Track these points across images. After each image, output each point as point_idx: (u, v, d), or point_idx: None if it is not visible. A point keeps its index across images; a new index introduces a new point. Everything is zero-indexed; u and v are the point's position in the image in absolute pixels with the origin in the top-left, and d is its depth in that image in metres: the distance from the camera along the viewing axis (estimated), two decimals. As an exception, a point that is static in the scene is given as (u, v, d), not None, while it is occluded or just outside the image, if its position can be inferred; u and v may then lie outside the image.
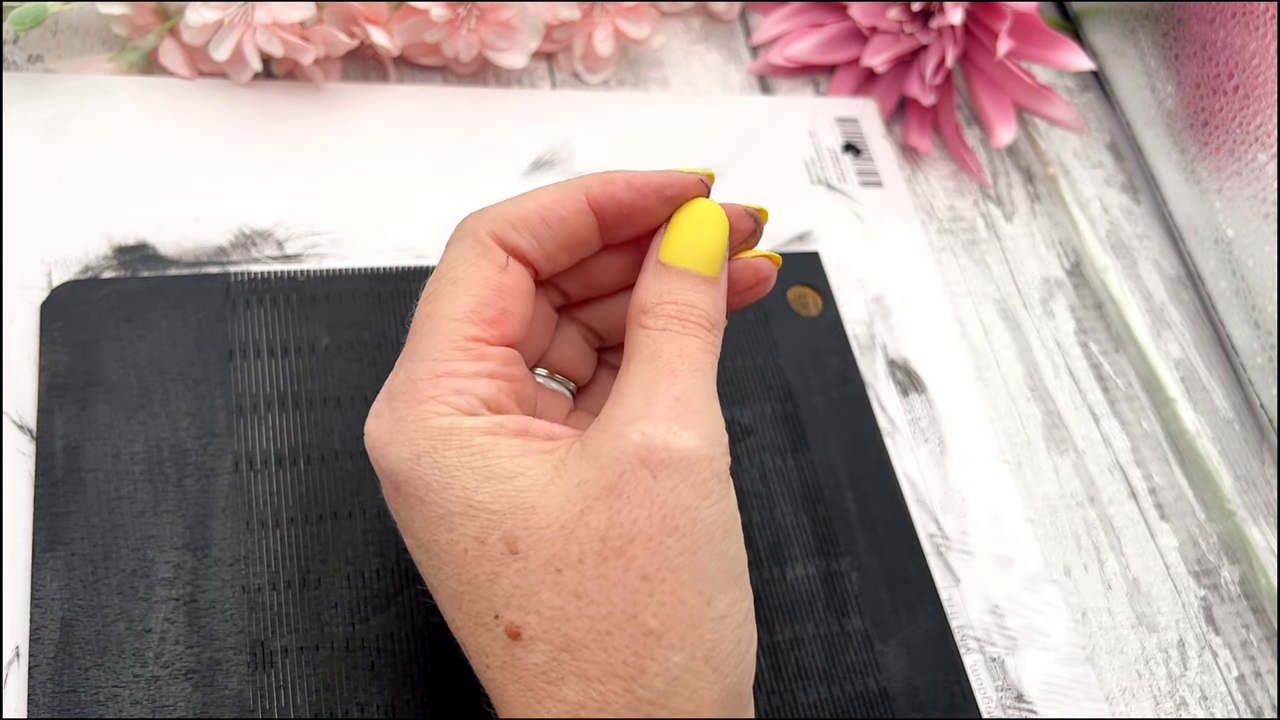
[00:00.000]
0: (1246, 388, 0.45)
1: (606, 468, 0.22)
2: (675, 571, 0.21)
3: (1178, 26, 0.46)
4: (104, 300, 0.32)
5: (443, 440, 0.22)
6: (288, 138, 0.37)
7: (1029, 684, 0.35)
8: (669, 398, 0.22)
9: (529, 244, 0.25)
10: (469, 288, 0.24)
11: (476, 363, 0.23)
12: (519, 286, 0.24)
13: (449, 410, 0.22)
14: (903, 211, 0.44)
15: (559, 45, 0.43)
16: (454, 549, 0.22)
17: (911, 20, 0.45)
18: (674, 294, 0.24)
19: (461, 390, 0.23)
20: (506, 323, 0.24)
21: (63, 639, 0.27)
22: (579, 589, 0.21)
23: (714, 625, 0.21)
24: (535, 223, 0.25)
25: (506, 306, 0.24)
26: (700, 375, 0.23)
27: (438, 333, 0.23)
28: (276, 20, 0.35)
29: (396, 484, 0.23)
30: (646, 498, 0.21)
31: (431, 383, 0.23)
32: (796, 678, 0.32)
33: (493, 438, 0.22)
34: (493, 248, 0.24)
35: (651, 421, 0.22)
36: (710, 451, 0.22)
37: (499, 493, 0.22)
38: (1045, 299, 0.46)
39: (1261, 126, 0.42)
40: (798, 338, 0.39)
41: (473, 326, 0.23)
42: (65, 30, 0.38)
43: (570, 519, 0.21)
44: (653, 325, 0.24)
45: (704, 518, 0.22)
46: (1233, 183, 0.44)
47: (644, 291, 0.24)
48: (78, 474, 0.29)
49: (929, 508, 0.37)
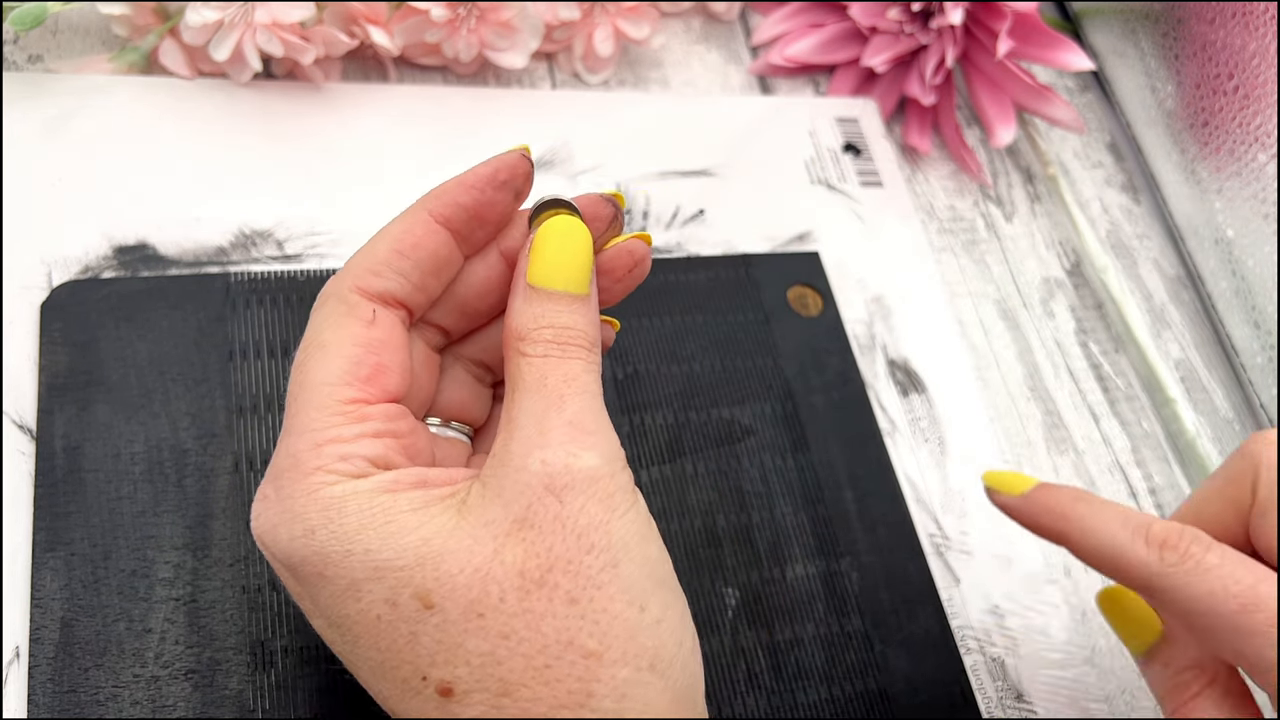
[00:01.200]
0: (1246, 388, 0.45)
1: (512, 502, 0.21)
2: (601, 588, 0.21)
3: (1178, 26, 0.46)
4: (104, 300, 0.32)
5: (337, 509, 0.21)
6: (288, 138, 0.37)
7: (1029, 684, 0.35)
8: (562, 423, 0.22)
9: (395, 283, 0.24)
10: (338, 350, 0.23)
11: (358, 424, 0.22)
12: (391, 338, 0.24)
13: (338, 478, 0.22)
14: (903, 211, 0.44)
15: (559, 45, 0.43)
16: (366, 618, 0.21)
17: (911, 20, 0.45)
18: (548, 318, 0.23)
19: (347, 455, 0.22)
20: (384, 378, 0.23)
21: (63, 639, 0.27)
22: (506, 629, 0.20)
23: (652, 632, 0.21)
24: (392, 259, 0.24)
25: (380, 361, 0.23)
26: (588, 396, 0.23)
27: (313, 402, 0.22)
28: (276, 20, 0.35)
29: (292, 566, 0.22)
30: (557, 522, 0.21)
31: (314, 454, 0.22)
32: (796, 678, 0.32)
33: (390, 494, 0.22)
34: (357, 303, 0.24)
35: (549, 449, 0.21)
36: (611, 468, 0.22)
37: (404, 547, 0.21)
38: (1045, 299, 0.46)
39: (1261, 126, 0.42)
40: (798, 338, 0.39)
41: (348, 389, 0.23)
42: (65, 30, 0.38)
43: (483, 560, 0.21)
44: (533, 353, 0.23)
45: (617, 530, 0.21)
46: (1233, 183, 0.44)
47: (517, 317, 0.24)
48: (78, 474, 0.29)
49: (929, 508, 0.37)
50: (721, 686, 0.31)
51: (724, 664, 0.32)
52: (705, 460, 0.35)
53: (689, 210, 0.41)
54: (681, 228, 0.40)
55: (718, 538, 0.34)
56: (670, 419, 0.36)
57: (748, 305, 0.39)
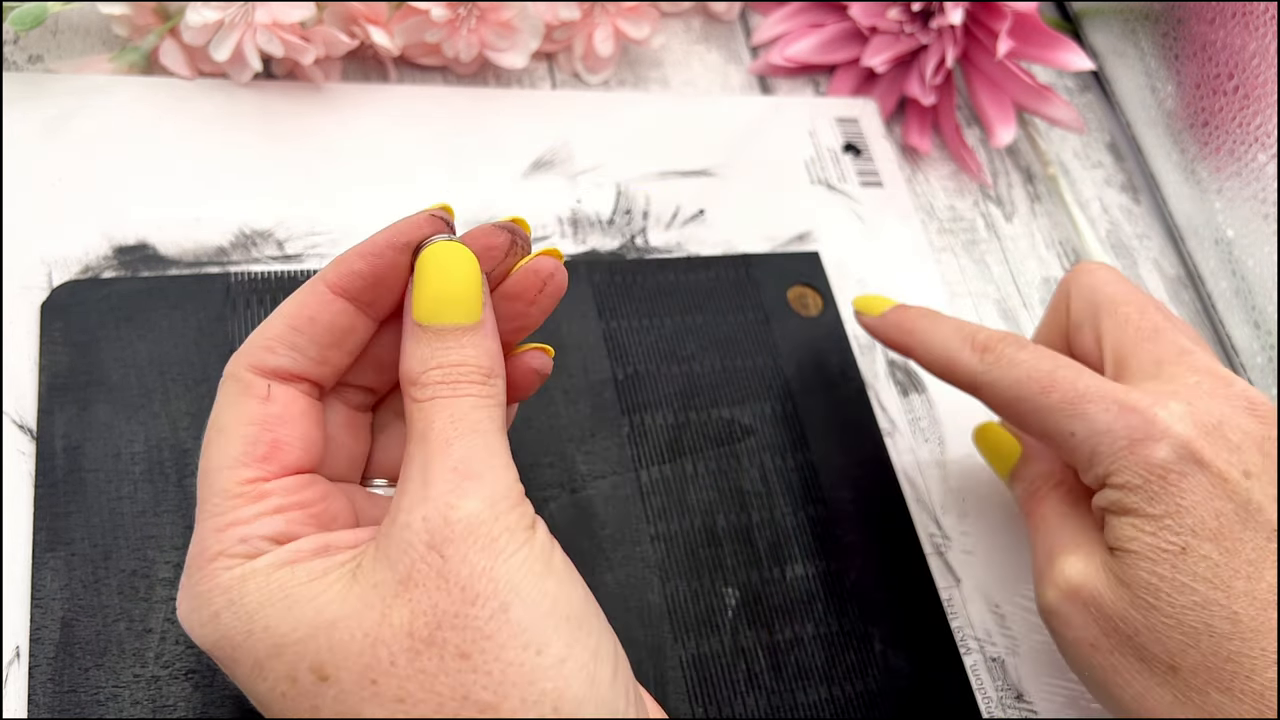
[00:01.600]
0: (1246, 388, 0.45)
1: (397, 562, 0.21)
2: (491, 637, 0.20)
3: (1178, 26, 0.46)
4: (104, 300, 0.32)
5: (238, 591, 0.21)
6: (288, 138, 0.37)
7: (1029, 684, 0.35)
8: (445, 470, 0.21)
9: (289, 359, 0.24)
10: (234, 431, 0.23)
11: (256, 504, 0.22)
12: (289, 411, 0.23)
13: (237, 561, 0.22)
14: (903, 211, 0.44)
15: (559, 45, 0.43)
16: (273, 696, 0.21)
17: (911, 20, 0.45)
18: (436, 357, 0.23)
19: (246, 537, 0.22)
20: (281, 454, 0.23)
21: (63, 639, 0.27)
22: (400, 693, 0.20)
23: (554, 673, 0.20)
24: (286, 335, 0.23)
25: (276, 437, 0.23)
26: (477, 435, 0.22)
27: (213, 488, 0.22)
28: (277, 20, 0.35)
29: (209, 649, 0.22)
30: (440, 578, 0.20)
31: (215, 539, 0.22)
32: (796, 678, 0.32)
33: (290, 568, 0.21)
34: (251, 381, 0.23)
35: (429, 503, 0.21)
36: (494, 510, 0.21)
37: (299, 620, 0.21)
38: (1045, 299, 0.46)
39: (1261, 127, 0.42)
40: (798, 338, 0.39)
41: (245, 469, 0.22)
42: (65, 30, 0.38)
43: (372, 625, 0.20)
44: (422, 397, 0.23)
45: (503, 573, 0.21)
46: (1233, 183, 0.44)
47: (407, 360, 0.23)
48: (78, 474, 0.29)
49: (929, 508, 0.37)
50: (721, 686, 0.31)
51: (724, 664, 0.32)
52: (705, 460, 0.35)
53: (689, 210, 0.41)
54: (681, 228, 0.40)
55: (718, 538, 0.34)
56: (670, 419, 0.36)
57: (748, 305, 0.39)
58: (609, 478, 0.34)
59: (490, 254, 0.24)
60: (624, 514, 0.33)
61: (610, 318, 0.37)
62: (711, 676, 0.31)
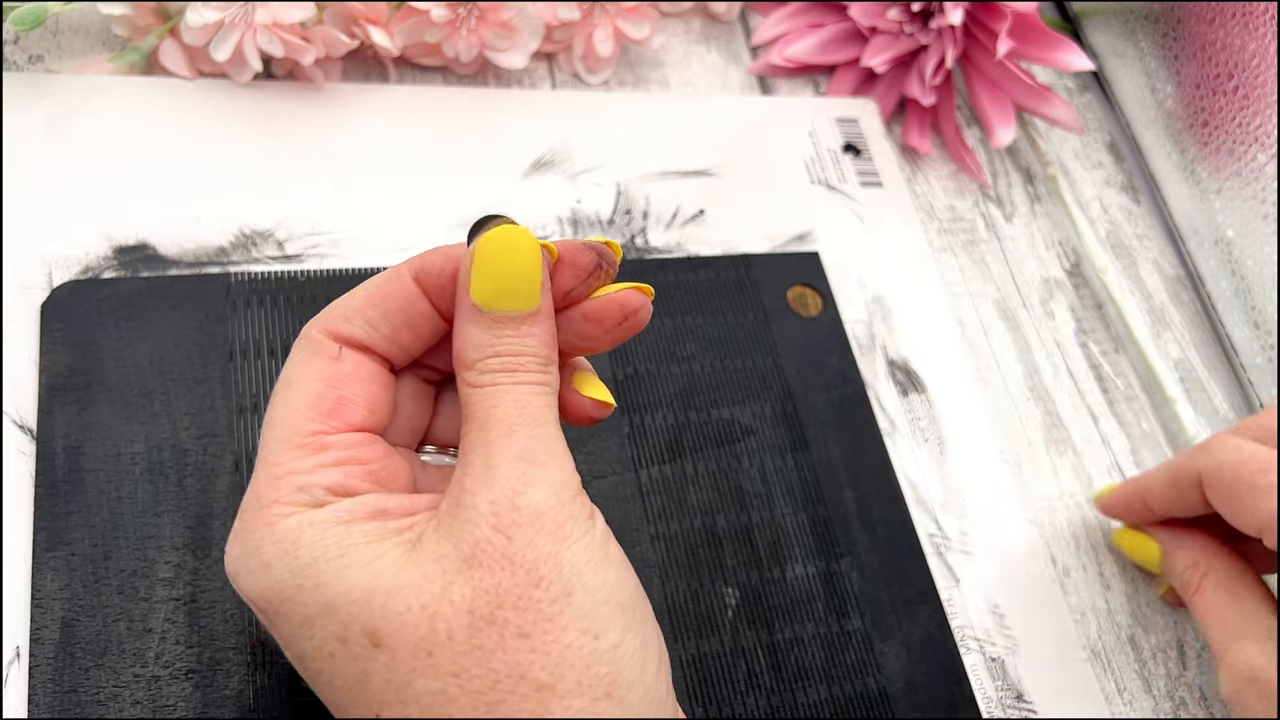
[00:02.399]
0: (1246, 388, 0.45)
1: (462, 541, 0.21)
2: (552, 619, 0.21)
3: (1178, 27, 0.46)
4: (104, 300, 0.32)
5: (293, 542, 0.21)
6: (288, 138, 0.37)
7: (1029, 684, 0.35)
8: (510, 456, 0.22)
9: (362, 330, 0.24)
10: (302, 386, 0.23)
11: (317, 455, 0.22)
12: (357, 372, 0.24)
13: (294, 509, 0.22)
14: (903, 211, 0.44)
15: (559, 46, 0.43)
16: (320, 654, 0.21)
17: (911, 20, 0.45)
18: (495, 345, 0.23)
19: (304, 486, 0.22)
20: (347, 410, 0.23)
21: (63, 639, 0.27)
22: (455, 667, 0.20)
23: (609, 658, 0.21)
24: (363, 308, 0.24)
25: (343, 395, 0.23)
26: (538, 423, 0.22)
27: (275, 437, 0.23)
28: (277, 21, 0.35)
29: (254, 601, 0.22)
30: (505, 560, 0.21)
31: (272, 486, 0.22)
32: (796, 678, 0.32)
33: (345, 526, 0.22)
34: (323, 343, 0.24)
35: (496, 487, 0.21)
36: (560, 498, 0.22)
37: (354, 582, 0.21)
38: (1045, 299, 0.46)
39: (1261, 126, 0.42)
40: (798, 338, 0.39)
41: (309, 421, 0.23)
42: (66, 30, 0.38)
43: (432, 598, 0.21)
44: (481, 382, 0.23)
45: (568, 559, 0.21)
46: (1233, 183, 0.44)
47: (463, 344, 0.23)
48: (78, 474, 0.29)
49: (929, 508, 0.37)
50: (721, 686, 0.31)
51: (724, 664, 0.32)
52: (705, 460, 0.35)
53: (689, 210, 0.41)
54: (681, 228, 0.40)
55: (718, 538, 0.34)
56: (670, 419, 0.36)
57: (748, 305, 0.39)
58: (609, 478, 0.34)
59: (573, 271, 0.24)
60: (624, 514, 0.33)
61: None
62: (711, 676, 0.31)
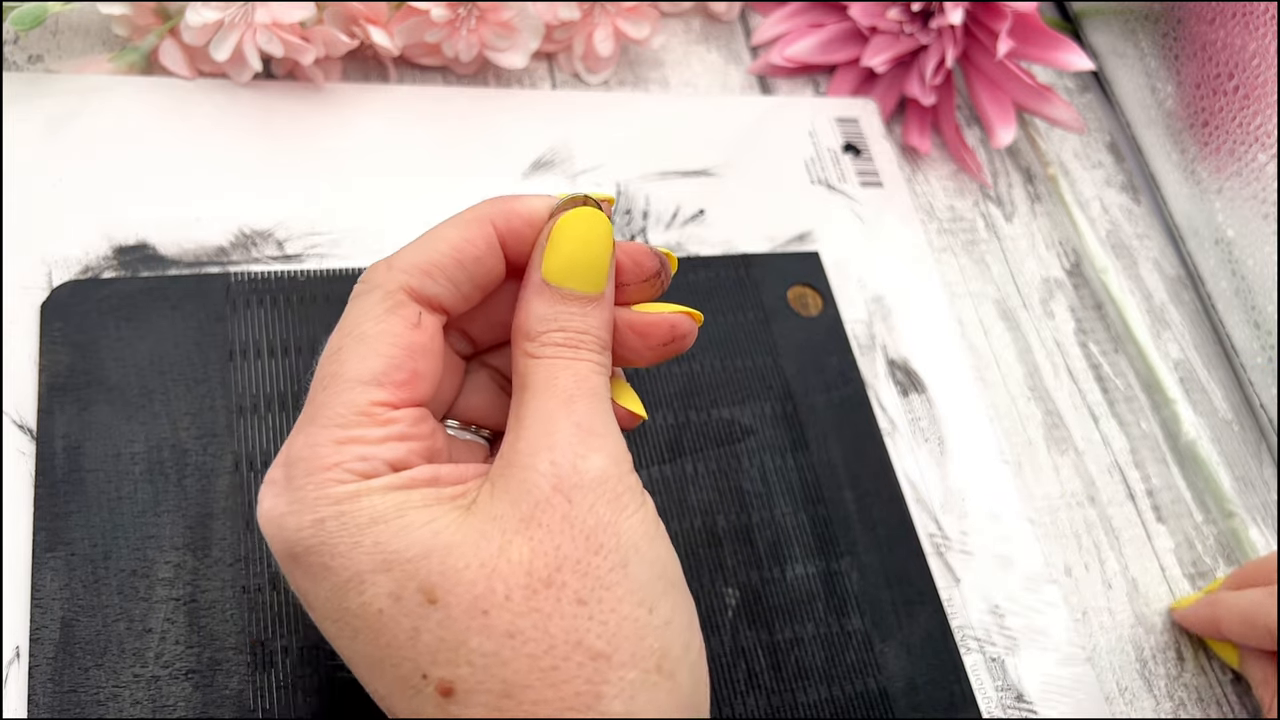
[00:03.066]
0: (1246, 388, 0.45)
1: (520, 501, 0.21)
2: (610, 588, 0.21)
3: (1178, 26, 0.46)
4: (104, 300, 0.32)
5: (350, 502, 0.21)
6: (288, 138, 0.37)
7: (1029, 684, 0.35)
8: (570, 424, 0.22)
9: (445, 291, 0.23)
10: (377, 347, 0.22)
11: (383, 428, 0.22)
12: (432, 344, 0.23)
13: (352, 477, 0.21)
14: (903, 211, 0.44)
15: (559, 45, 0.43)
16: (367, 611, 0.21)
17: (911, 20, 0.45)
18: (560, 320, 0.23)
19: (367, 457, 0.21)
20: (417, 384, 0.23)
21: (63, 639, 0.27)
22: (511, 628, 0.20)
23: (660, 633, 0.21)
24: (450, 266, 0.23)
25: (418, 368, 0.23)
26: (597, 398, 0.23)
27: (342, 397, 0.22)
28: (277, 20, 0.35)
29: (295, 555, 0.21)
30: (565, 522, 0.21)
31: (334, 450, 0.21)
32: (796, 678, 0.32)
33: (403, 491, 0.21)
34: (405, 303, 0.23)
35: (557, 450, 0.21)
36: (619, 469, 0.22)
37: (413, 540, 0.21)
38: (1045, 299, 0.46)
39: (1261, 126, 0.42)
40: (798, 338, 0.39)
41: (380, 390, 0.22)
42: (65, 30, 0.38)
43: (490, 556, 0.20)
44: (543, 354, 0.23)
45: (626, 530, 0.21)
46: (1233, 183, 0.44)
47: (528, 315, 0.23)
48: (78, 474, 0.29)
49: (929, 508, 0.37)
50: (721, 686, 0.31)
51: (724, 664, 0.32)
52: (705, 460, 0.35)
53: (689, 210, 0.41)
54: (681, 228, 0.40)
55: (718, 538, 0.34)
56: (670, 419, 0.36)
57: (748, 305, 0.39)
58: (609, 478, 0.34)
59: (636, 271, 0.25)
60: (624, 514, 0.33)
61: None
62: (712, 676, 0.31)
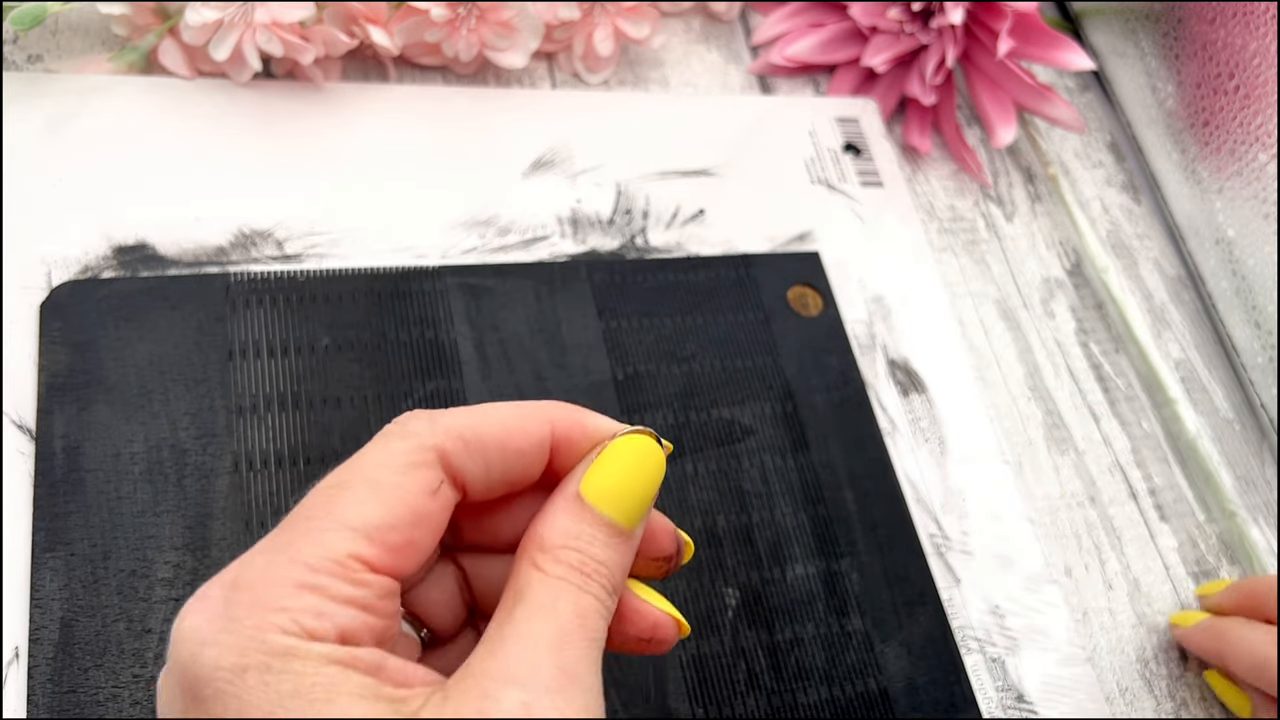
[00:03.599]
0: (1247, 388, 0.45)
1: None
2: None
3: (1178, 26, 0.46)
4: (104, 300, 0.32)
5: (282, 660, 0.18)
6: (288, 138, 0.37)
7: (1029, 684, 0.35)
8: (554, 666, 0.20)
9: (477, 470, 0.21)
10: (386, 499, 0.20)
11: (352, 588, 0.20)
12: (439, 519, 0.21)
13: (296, 630, 0.19)
14: (903, 211, 0.44)
15: (559, 45, 0.43)
16: None
17: (911, 20, 0.45)
18: (582, 541, 0.21)
19: (321, 613, 0.19)
20: (407, 555, 0.20)
21: (62, 639, 0.27)
22: None
23: None
24: (492, 447, 0.21)
25: (415, 539, 0.20)
26: (591, 645, 0.20)
27: (323, 537, 0.20)
28: (276, 20, 0.35)
29: (196, 691, 0.18)
30: None
31: (289, 592, 0.19)
32: (796, 678, 0.32)
33: (342, 670, 0.19)
34: (432, 464, 0.21)
35: (531, 691, 0.19)
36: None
37: None
38: (1045, 299, 0.46)
39: (1262, 126, 0.42)
40: (798, 338, 0.39)
41: (368, 546, 0.20)
42: (65, 30, 0.38)
43: None
44: (552, 571, 0.21)
45: None
46: (1233, 183, 0.44)
47: (550, 526, 0.21)
48: (78, 474, 0.29)
49: (929, 508, 0.37)
50: (721, 687, 0.31)
51: (724, 664, 0.32)
52: (705, 460, 0.35)
53: (689, 210, 0.41)
54: (681, 228, 0.40)
55: (718, 538, 0.34)
56: (670, 419, 0.36)
57: (748, 305, 0.39)
58: (609, 478, 0.34)
59: (651, 543, 0.23)
60: (624, 514, 0.33)
61: (610, 317, 0.37)
62: (711, 677, 0.31)
